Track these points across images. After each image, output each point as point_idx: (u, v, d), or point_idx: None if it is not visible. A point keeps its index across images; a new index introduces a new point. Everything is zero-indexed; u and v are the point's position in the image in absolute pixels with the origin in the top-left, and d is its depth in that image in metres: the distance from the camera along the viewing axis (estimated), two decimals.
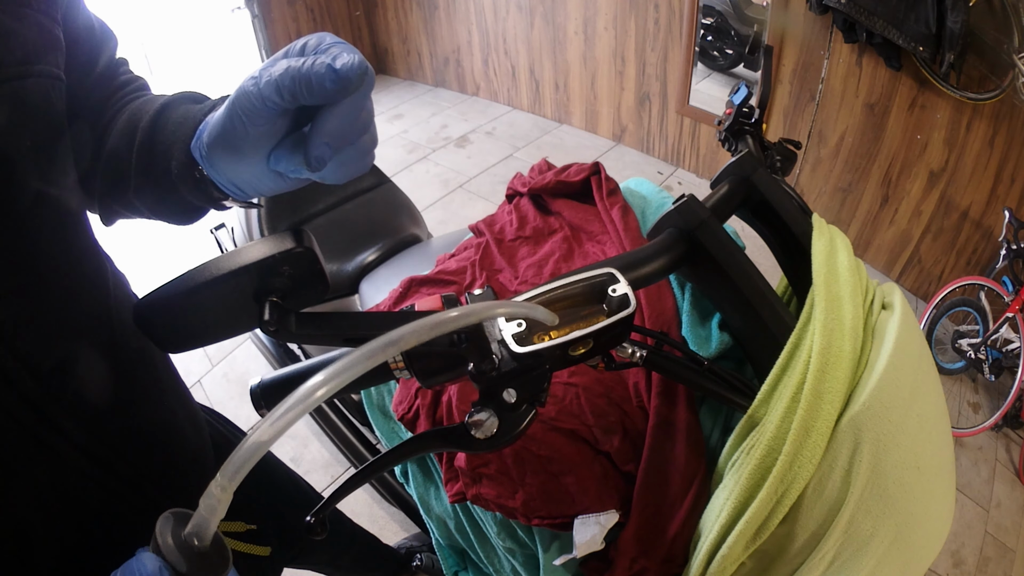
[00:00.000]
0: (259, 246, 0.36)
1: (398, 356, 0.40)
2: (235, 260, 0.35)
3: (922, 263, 2.05)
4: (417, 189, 2.66)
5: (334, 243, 1.11)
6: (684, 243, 0.54)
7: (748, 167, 0.60)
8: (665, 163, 2.80)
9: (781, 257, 0.63)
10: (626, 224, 0.77)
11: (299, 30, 3.38)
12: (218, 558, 0.28)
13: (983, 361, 1.72)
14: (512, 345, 0.39)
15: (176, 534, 0.27)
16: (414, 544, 1.31)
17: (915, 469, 0.44)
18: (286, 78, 0.31)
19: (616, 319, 0.40)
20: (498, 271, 0.81)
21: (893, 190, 2.01)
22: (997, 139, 1.67)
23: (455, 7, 3.22)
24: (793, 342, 0.47)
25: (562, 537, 0.58)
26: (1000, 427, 1.71)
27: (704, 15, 2.26)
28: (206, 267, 0.35)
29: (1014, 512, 1.54)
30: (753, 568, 0.49)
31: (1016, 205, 1.68)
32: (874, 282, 0.53)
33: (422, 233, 1.20)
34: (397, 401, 0.69)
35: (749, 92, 0.74)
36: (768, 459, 0.45)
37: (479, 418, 0.40)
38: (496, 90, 3.38)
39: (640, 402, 0.61)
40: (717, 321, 0.64)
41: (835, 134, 2.10)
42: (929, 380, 0.49)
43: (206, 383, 1.87)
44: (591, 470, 0.57)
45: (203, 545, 0.27)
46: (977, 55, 1.60)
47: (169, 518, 0.27)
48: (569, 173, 0.88)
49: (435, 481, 0.69)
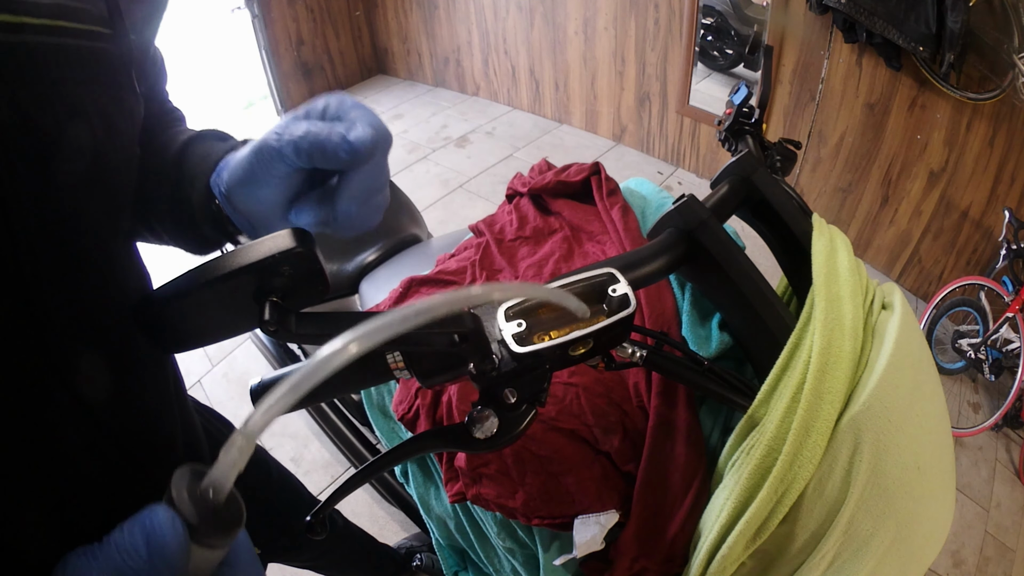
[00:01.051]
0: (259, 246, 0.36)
1: (398, 356, 0.40)
2: (235, 260, 0.35)
3: (922, 263, 2.05)
4: (417, 189, 2.66)
5: (334, 243, 1.11)
6: (684, 243, 0.54)
7: (748, 167, 0.60)
8: (665, 163, 2.80)
9: (781, 257, 0.63)
10: (626, 224, 0.77)
11: (299, 30, 3.38)
12: (233, 515, 0.27)
13: (983, 361, 1.72)
14: (512, 345, 0.39)
15: (192, 488, 0.26)
16: (414, 544, 1.31)
17: (915, 469, 0.44)
18: (304, 142, 0.34)
19: (616, 319, 0.40)
20: (498, 271, 0.81)
21: (893, 190, 2.01)
22: (997, 139, 1.67)
23: (455, 7, 3.22)
24: (793, 342, 0.47)
25: (562, 537, 0.58)
26: (1000, 427, 1.71)
27: (704, 15, 2.26)
28: (206, 267, 0.35)
29: (1014, 512, 1.54)
30: (753, 568, 0.49)
31: (1016, 205, 1.68)
32: (874, 282, 0.53)
33: (422, 233, 1.20)
34: (397, 401, 0.69)
35: (749, 92, 0.74)
36: (768, 459, 0.45)
37: (479, 418, 0.40)
38: (496, 90, 3.38)
39: (640, 402, 0.61)
40: (717, 321, 0.64)
41: (835, 134, 2.10)
42: (929, 380, 0.49)
43: (206, 383, 1.87)
44: (591, 470, 0.57)
45: (218, 499, 0.26)
46: (977, 55, 1.60)
47: (185, 472, 0.27)
48: (569, 173, 0.88)
49: (435, 481, 0.69)
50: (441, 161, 2.92)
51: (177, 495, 0.26)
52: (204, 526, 0.26)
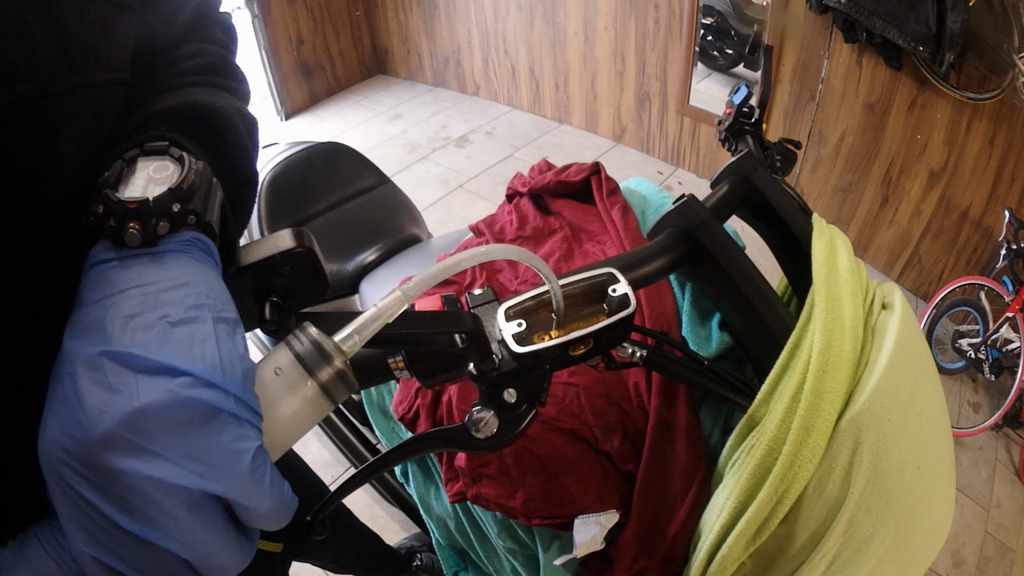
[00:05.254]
0: (259, 246, 0.36)
1: (399, 356, 0.40)
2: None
3: (922, 263, 2.05)
4: (417, 189, 2.66)
5: (334, 243, 1.11)
6: (684, 243, 0.54)
7: (748, 167, 0.60)
8: (665, 163, 2.80)
9: (781, 257, 0.63)
10: (626, 224, 0.77)
11: (299, 30, 3.38)
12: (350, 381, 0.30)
13: (983, 361, 1.71)
14: (512, 345, 0.39)
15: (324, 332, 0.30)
16: (414, 544, 1.31)
17: (915, 469, 0.44)
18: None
19: (616, 319, 0.40)
20: (498, 271, 0.81)
21: (893, 190, 2.01)
22: (997, 139, 1.67)
23: (455, 7, 3.22)
24: (793, 342, 0.47)
25: (562, 537, 0.58)
26: (1000, 427, 1.71)
27: (704, 15, 2.26)
28: None
29: (1014, 512, 1.54)
30: (753, 568, 0.49)
31: (1016, 205, 1.67)
32: (874, 282, 0.53)
33: (422, 233, 1.20)
34: (397, 401, 0.69)
35: (749, 92, 0.74)
36: (768, 459, 0.45)
37: (479, 418, 0.40)
38: (496, 90, 3.38)
39: (640, 402, 0.61)
40: (717, 321, 0.64)
41: (835, 134, 2.09)
42: (929, 380, 0.49)
43: None
44: (591, 470, 0.57)
45: (354, 347, 0.30)
46: (977, 55, 1.60)
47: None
48: (569, 173, 0.88)
49: (435, 481, 0.69)
50: (441, 161, 2.92)
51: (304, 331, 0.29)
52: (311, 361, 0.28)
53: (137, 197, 0.28)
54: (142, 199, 0.28)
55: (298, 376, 0.28)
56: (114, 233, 0.28)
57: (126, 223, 0.28)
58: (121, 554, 0.24)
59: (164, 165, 0.30)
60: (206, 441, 0.24)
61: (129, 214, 0.28)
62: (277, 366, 0.28)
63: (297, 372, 0.28)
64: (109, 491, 0.23)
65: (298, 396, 0.28)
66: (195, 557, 0.25)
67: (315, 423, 0.30)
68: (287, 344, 0.29)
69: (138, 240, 0.28)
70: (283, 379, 0.28)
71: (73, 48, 0.29)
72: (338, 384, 0.29)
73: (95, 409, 0.23)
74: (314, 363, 0.29)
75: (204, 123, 0.35)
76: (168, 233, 0.29)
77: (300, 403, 0.28)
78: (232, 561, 0.26)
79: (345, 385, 0.30)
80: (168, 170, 0.30)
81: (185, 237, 0.29)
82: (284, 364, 0.28)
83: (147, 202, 0.28)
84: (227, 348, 0.26)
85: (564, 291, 0.43)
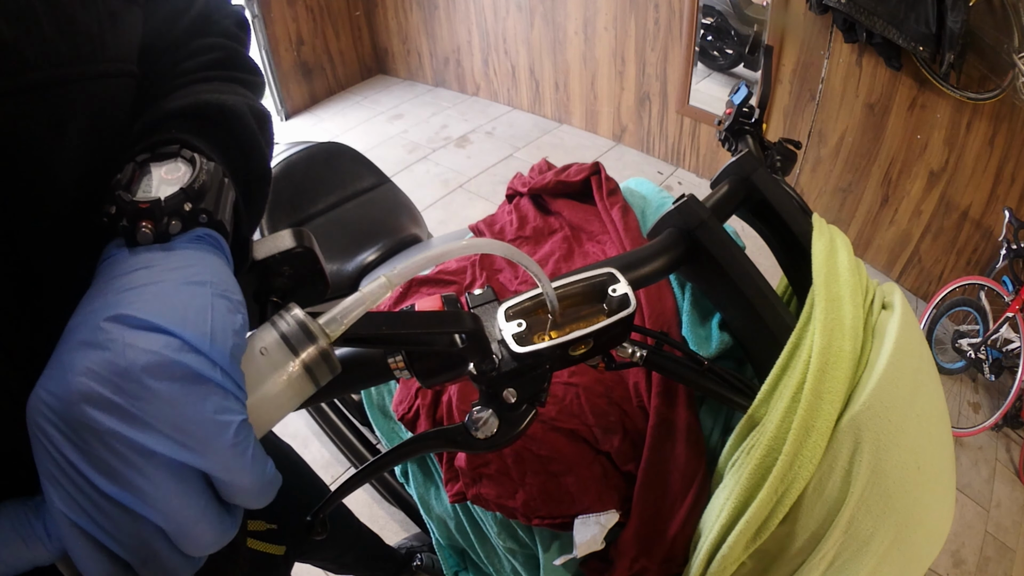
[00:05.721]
0: (259, 246, 0.36)
1: (399, 356, 0.40)
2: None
3: (922, 263, 2.05)
4: (417, 189, 2.66)
5: (334, 243, 1.11)
6: (684, 243, 0.54)
7: (748, 167, 0.60)
8: (665, 163, 2.80)
9: (781, 257, 0.63)
10: (626, 224, 0.77)
11: (299, 30, 3.38)
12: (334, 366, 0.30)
13: (983, 361, 1.72)
14: (512, 345, 0.39)
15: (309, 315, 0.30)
16: (414, 544, 1.31)
17: (915, 469, 0.44)
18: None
19: (616, 319, 0.40)
20: (498, 271, 0.81)
21: (893, 190, 2.01)
22: (997, 139, 1.67)
23: (455, 7, 3.22)
24: (793, 342, 0.47)
25: (562, 537, 0.58)
26: (1000, 427, 1.71)
27: (704, 15, 2.26)
28: None
29: (1014, 512, 1.54)
30: (753, 568, 0.49)
31: (1016, 205, 1.68)
32: (874, 282, 0.53)
33: (422, 233, 1.20)
34: (397, 401, 0.69)
35: (749, 92, 0.74)
36: (768, 459, 0.45)
37: (479, 418, 0.40)
38: (496, 90, 3.38)
39: (640, 402, 0.61)
40: (717, 321, 0.64)
41: (835, 134, 2.10)
42: (929, 380, 0.49)
43: None
44: (591, 470, 0.57)
45: (334, 332, 0.30)
46: (977, 55, 1.60)
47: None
48: (569, 173, 0.88)
49: (435, 481, 0.69)
50: (441, 161, 2.92)
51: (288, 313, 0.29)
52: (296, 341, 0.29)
53: (149, 198, 0.28)
54: (154, 199, 0.28)
55: (283, 356, 0.29)
56: (127, 232, 0.28)
57: (138, 223, 0.28)
58: (97, 518, 0.23)
59: (176, 166, 0.31)
60: (189, 410, 0.24)
61: (141, 214, 0.28)
62: (263, 345, 0.29)
63: (282, 352, 0.29)
64: (89, 451, 0.23)
65: (282, 375, 0.28)
66: (172, 527, 0.24)
67: (296, 404, 0.30)
68: (272, 324, 0.29)
69: (150, 239, 0.28)
70: (268, 358, 0.28)
71: (80, 38, 0.29)
72: (322, 365, 0.29)
73: (78, 365, 0.23)
74: (299, 343, 0.29)
75: (215, 121, 0.35)
76: (180, 232, 0.29)
77: (284, 383, 0.28)
78: (211, 534, 0.25)
79: (328, 367, 0.30)
80: (180, 171, 0.30)
81: (197, 233, 0.29)
82: (269, 343, 0.29)
83: (159, 202, 0.28)
84: (222, 321, 0.26)
85: (564, 291, 0.43)
